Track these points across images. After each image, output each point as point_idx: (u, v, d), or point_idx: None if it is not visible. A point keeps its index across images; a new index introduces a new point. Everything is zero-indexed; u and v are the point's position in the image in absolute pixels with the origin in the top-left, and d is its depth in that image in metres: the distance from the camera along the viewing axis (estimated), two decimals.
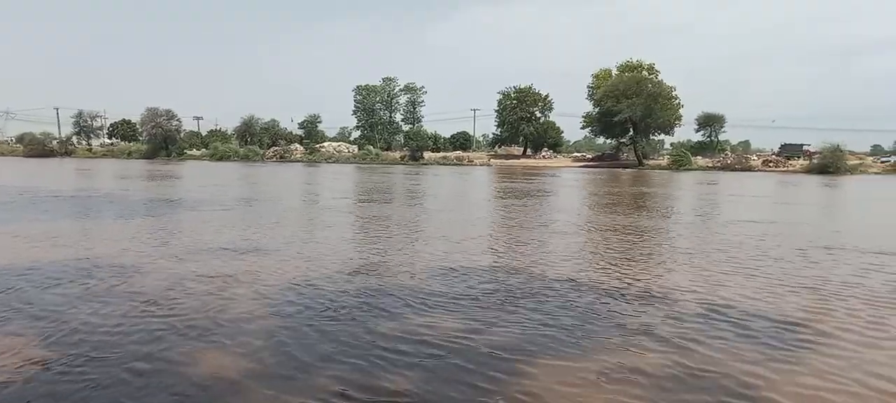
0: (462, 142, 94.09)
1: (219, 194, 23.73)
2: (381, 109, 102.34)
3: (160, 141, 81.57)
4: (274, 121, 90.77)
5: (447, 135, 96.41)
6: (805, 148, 66.49)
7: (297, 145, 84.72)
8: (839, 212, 21.92)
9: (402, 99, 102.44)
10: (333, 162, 73.64)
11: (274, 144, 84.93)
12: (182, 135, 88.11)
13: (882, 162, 63.91)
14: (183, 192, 24.65)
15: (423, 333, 6.04)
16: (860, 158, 64.53)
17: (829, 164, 54.27)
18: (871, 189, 34.73)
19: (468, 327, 6.26)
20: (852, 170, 55.07)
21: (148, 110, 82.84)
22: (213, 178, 36.45)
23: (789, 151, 68.40)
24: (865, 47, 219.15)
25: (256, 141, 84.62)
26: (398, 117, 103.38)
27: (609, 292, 7.93)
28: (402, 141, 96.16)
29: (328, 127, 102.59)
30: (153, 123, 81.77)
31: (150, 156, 78.57)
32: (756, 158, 66.72)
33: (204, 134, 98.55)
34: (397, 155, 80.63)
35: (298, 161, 74.72)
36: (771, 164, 61.88)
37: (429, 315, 6.72)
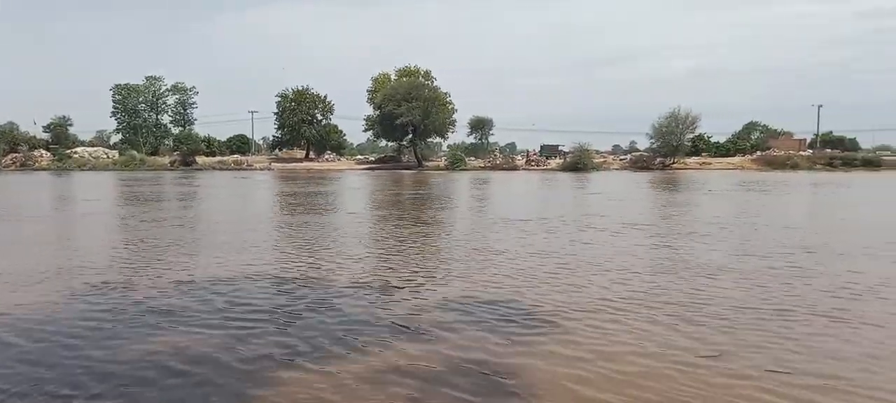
0: (240, 145, 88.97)
1: None
2: (145, 111, 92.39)
3: None
4: (12, 124, 77.83)
5: (223, 139, 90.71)
6: (560, 148, 75.11)
7: (43, 151, 73.21)
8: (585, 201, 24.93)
9: (170, 99, 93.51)
10: (89, 169, 64.94)
11: (12, 151, 72.34)
12: None
13: (621, 159, 74.83)
14: None
15: (171, 352, 5.52)
16: (603, 157, 74.97)
17: (579, 162, 61.98)
18: (606, 182, 40.12)
19: (223, 341, 5.85)
20: (598, 167, 63.48)
21: None
22: None
23: (548, 151, 76.68)
24: (604, 60, 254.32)
25: None
26: (166, 119, 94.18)
27: (372, 291, 8.05)
28: (172, 145, 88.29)
29: (82, 130, 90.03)
30: None
31: None
32: (520, 158, 73.64)
33: None
34: (166, 160, 73.64)
35: (44, 169, 64.71)
36: (533, 163, 68.69)
37: (177, 333, 6.15)
